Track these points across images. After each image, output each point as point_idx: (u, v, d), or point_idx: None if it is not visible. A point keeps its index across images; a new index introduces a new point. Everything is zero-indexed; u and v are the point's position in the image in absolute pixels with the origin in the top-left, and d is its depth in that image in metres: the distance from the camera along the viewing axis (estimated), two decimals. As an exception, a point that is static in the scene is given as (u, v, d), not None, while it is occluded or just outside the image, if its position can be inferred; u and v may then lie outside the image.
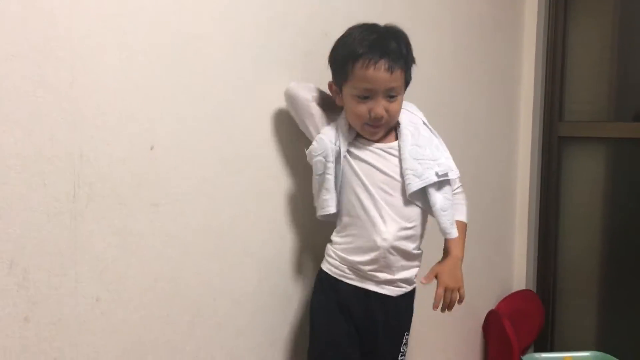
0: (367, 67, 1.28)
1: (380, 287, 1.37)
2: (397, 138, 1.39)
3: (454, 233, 1.38)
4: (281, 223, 1.46)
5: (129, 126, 1.14)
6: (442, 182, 1.36)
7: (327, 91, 1.41)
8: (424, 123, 1.44)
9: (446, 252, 1.42)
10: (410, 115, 1.42)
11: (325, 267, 1.41)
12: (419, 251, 1.41)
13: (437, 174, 1.35)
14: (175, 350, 1.25)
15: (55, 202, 1.04)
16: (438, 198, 1.35)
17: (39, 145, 1.01)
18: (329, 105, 1.39)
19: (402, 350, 1.43)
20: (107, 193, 1.11)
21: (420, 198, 1.36)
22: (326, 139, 1.35)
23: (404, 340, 1.43)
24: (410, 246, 1.37)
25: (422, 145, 1.37)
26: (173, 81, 1.20)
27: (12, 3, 0.96)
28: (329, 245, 1.42)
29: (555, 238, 2.50)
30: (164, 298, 1.22)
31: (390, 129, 1.39)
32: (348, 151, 1.36)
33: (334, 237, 1.40)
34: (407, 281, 1.40)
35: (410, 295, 1.43)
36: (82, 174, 1.07)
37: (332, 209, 1.36)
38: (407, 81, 1.38)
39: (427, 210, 1.37)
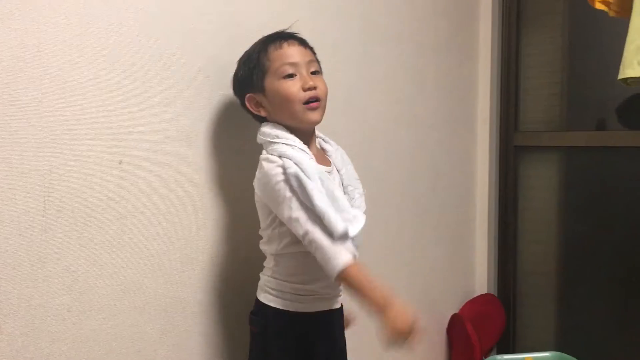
0: (281, 46, 1.29)
1: (329, 303, 1.36)
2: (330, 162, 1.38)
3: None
4: (249, 232, 1.50)
5: (97, 142, 1.18)
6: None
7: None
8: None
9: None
10: (329, 143, 1.43)
11: (268, 300, 1.33)
12: None
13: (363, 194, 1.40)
14: (145, 359, 1.29)
15: (26, 216, 1.07)
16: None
17: (10, 161, 1.05)
18: None
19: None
20: (76, 207, 1.15)
21: None
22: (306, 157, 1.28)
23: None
24: None
25: (351, 165, 1.41)
26: (141, 97, 1.25)
27: (-18, 25, 1.00)
28: (271, 279, 1.33)
29: (514, 243, 2.59)
30: (133, 308, 1.26)
31: (320, 151, 1.39)
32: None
33: (281, 272, 1.32)
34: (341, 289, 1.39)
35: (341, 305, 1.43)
36: (52, 189, 1.11)
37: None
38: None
39: None
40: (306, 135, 1.33)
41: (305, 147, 1.29)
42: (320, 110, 1.32)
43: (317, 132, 1.41)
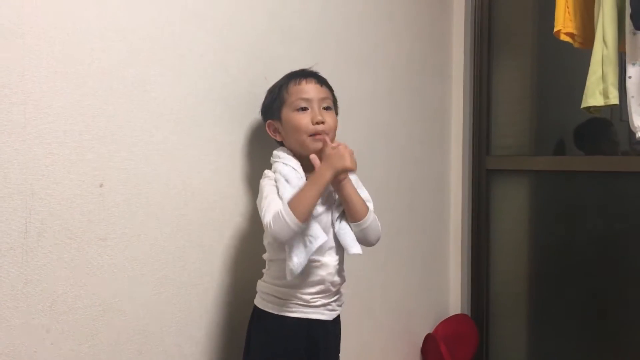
0: (299, 82, 1.46)
1: (319, 313, 1.44)
2: None
3: (355, 249, 1.43)
4: (228, 254, 1.54)
5: (79, 165, 1.21)
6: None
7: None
8: None
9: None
10: None
11: (263, 305, 1.43)
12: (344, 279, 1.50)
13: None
14: (123, 378, 1.31)
15: (8, 238, 1.10)
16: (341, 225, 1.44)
17: (-7, 184, 1.07)
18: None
19: None
20: (57, 229, 1.18)
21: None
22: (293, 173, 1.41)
23: None
24: (343, 277, 1.48)
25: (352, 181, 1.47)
26: (122, 121, 1.29)
27: (-32, 52, 1.04)
28: (265, 284, 1.44)
29: (486, 264, 2.66)
30: (112, 328, 1.28)
31: None
32: None
33: (276, 273, 1.41)
34: (338, 301, 1.48)
35: (339, 317, 1.51)
36: (33, 211, 1.14)
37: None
38: (335, 107, 1.53)
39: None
40: (308, 164, 1.43)
41: (298, 166, 1.43)
42: (324, 142, 1.44)
43: None
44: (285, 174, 1.39)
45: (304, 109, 1.44)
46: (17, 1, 1.11)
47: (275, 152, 1.47)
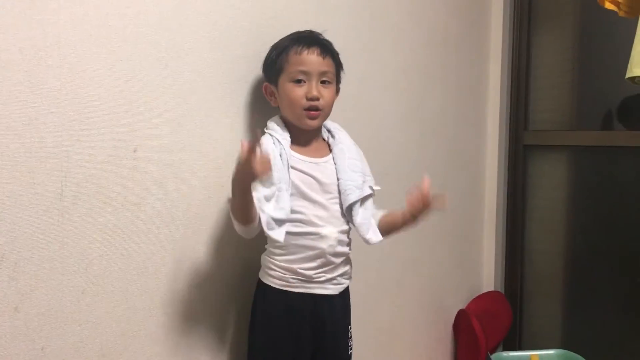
0: (301, 52, 1.38)
1: (324, 288, 1.40)
2: (330, 152, 1.45)
3: (374, 239, 1.42)
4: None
5: (113, 130, 1.21)
6: (366, 196, 1.44)
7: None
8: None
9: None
10: (341, 132, 1.49)
11: (266, 279, 1.41)
12: (350, 250, 1.46)
13: (371, 188, 1.45)
14: (155, 342, 1.32)
15: (44, 200, 1.11)
16: (360, 211, 1.41)
17: (29, 147, 1.08)
18: None
19: (350, 345, 1.48)
20: (92, 192, 1.19)
21: (346, 209, 1.41)
22: (271, 147, 1.35)
23: (349, 334, 1.48)
24: (346, 249, 1.43)
25: (356, 159, 1.45)
26: (155, 87, 1.29)
27: (2, 15, 1.04)
28: (267, 258, 1.41)
29: (521, 241, 2.61)
30: (145, 292, 1.29)
31: (322, 144, 1.47)
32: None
33: (274, 249, 1.39)
34: (345, 275, 1.44)
35: (347, 289, 1.47)
36: (69, 174, 1.15)
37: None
38: (337, 79, 1.46)
39: (350, 220, 1.43)
40: (307, 132, 1.42)
41: (286, 137, 1.38)
42: (320, 119, 1.42)
43: (330, 124, 1.49)
44: (264, 149, 1.28)
45: (300, 81, 1.38)
46: (52, -36, 1.11)
47: (268, 122, 1.43)
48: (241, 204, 1.27)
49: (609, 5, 1.92)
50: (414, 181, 1.43)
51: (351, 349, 1.49)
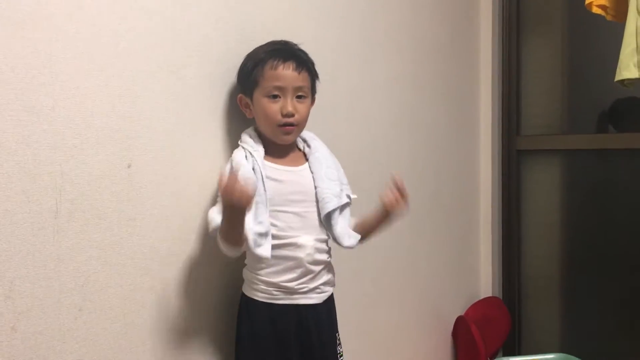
0: (276, 67, 1.37)
1: (308, 297, 1.40)
2: (306, 161, 1.46)
3: (351, 241, 1.44)
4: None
5: (106, 146, 1.22)
6: (344, 205, 1.45)
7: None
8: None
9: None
10: (316, 141, 1.49)
11: (249, 292, 1.40)
12: (330, 258, 1.46)
13: (348, 197, 1.45)
14: (155, 357, 1.32)
15: (39, 218, 1.11)
16: (339, 220, 1.42)
17: (23, 165, 1.08)
18: None
19: (339, 352, 1.48)
20: (87, 209, 1.19)
21: (324, 218, 1.41)
22: (243, 161, 1.35)
23: (338, 341, 1.48)
24: (325, 256, 1.43)
25: (333, 168, 1.46)
26: (148, 102, 1.29)
27: (-4, 34, 1.05)
28: (249, 272, 1.41)
29: (518, 246, 2.62)
30: (142, 308, 1.29)
31: (298, 153, 1.47)
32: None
33: (255, 264, 1.38)
34: (328, 283, 1.44)
35: (332, 297, 1.47)
36: (63, 191, 1.15)
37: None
38: (312, 91, 1.45)
39: (328, 229, 1.43)
40: (281, 145, 1.42)
41: (258, 150, 1.38)
42: (295, 133, 1.42)
43: (305, 134, 1.49)
44: (236, 163, 1.33)
45: (276, 96, 1.37)
46: (42, -18, 1.12)
47: (242, 134, 1.43)
48: (235, 229, 1.27)
49: (596, 10, 1.94)
50: (409, 190, 1.44)
51: (341, 356, 1.49)
